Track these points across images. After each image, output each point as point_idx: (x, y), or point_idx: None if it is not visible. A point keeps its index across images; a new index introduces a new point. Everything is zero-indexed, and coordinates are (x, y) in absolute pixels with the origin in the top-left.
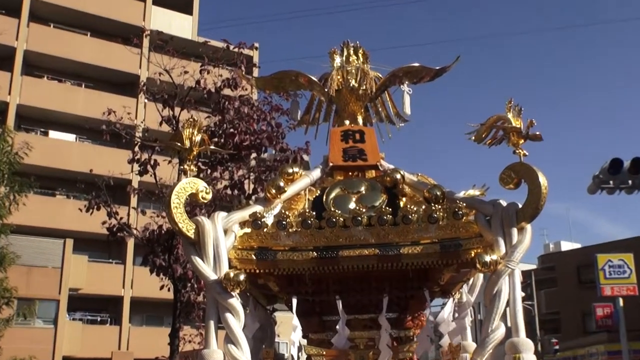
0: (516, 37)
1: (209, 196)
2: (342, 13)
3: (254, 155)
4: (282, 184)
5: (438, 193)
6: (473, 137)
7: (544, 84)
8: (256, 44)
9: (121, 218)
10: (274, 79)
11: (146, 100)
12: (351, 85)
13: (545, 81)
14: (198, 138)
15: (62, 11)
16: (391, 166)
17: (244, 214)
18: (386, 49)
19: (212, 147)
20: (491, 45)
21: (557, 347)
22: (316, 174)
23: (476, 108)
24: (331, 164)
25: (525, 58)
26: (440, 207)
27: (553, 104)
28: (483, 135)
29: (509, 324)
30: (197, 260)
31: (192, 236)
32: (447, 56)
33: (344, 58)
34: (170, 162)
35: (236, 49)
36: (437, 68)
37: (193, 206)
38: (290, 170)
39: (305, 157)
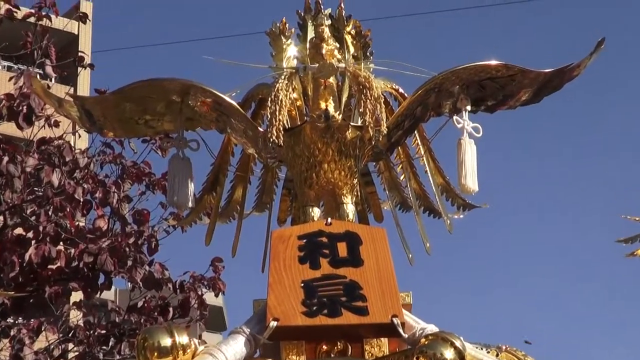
0: None
1: None
2: None
3: (76, 300)
4: None
5: None
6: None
7: None
8: None
9: None
10: (128, 101)
11: None
12: (325, 115)
13: None
14: None
15: None
16: (430, 327)
17: None
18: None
19: None
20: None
21: None
22: (236, 349)
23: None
24: (273, 323)
25: None
26: None
27: None
28: None
29: None
30: None
31: None
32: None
33: (308, 45)
34: None
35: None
36: (552, 70)
37: None
38: (166, 342)
39: (212, 300)
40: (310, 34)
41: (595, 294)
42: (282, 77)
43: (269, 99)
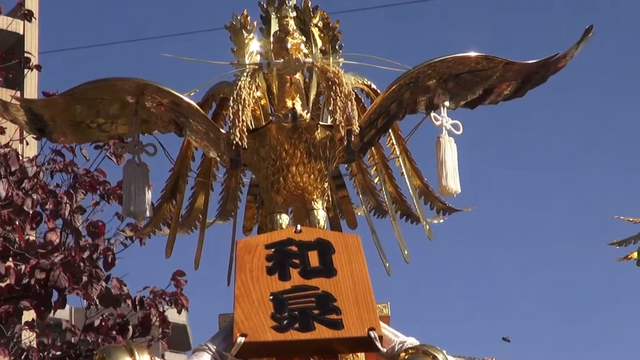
0: None
1: None
2: None
3: (28, 319)
4: None
5: None
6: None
7: None
8: None
9: None
10: (78, 103)
11: None
12: (292, 114)
13: None
14: None
15: None
16: (410, 340)
17: None
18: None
19: None
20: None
21: None
22: None
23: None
24: (241, 339)
25: None
26: None
27: None
28: None
29: None
30: None
31: None
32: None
33: (272, 39)
34: None
35: None
36: (537, 61)
37: None
38: None
39: (175, 317)
40: (274, 27)
41: (586, 299)
42: (245, 74)
43: (231, 98)
